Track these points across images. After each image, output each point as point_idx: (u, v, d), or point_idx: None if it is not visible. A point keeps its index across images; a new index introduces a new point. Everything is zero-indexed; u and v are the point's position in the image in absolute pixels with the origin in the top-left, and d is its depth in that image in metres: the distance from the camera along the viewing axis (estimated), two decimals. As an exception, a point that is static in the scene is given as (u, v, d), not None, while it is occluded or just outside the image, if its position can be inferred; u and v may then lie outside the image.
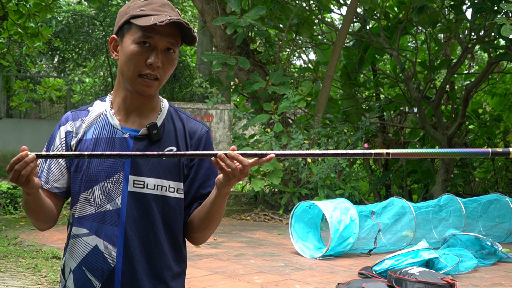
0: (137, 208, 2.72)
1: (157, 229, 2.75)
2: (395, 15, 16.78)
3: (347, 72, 17.50)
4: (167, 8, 2.70)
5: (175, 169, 2.79)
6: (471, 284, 8.07)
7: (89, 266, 2.72)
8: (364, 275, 8.12)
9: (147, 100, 2.78)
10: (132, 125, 2.78)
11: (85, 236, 2.74)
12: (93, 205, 2.73)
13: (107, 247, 2.70)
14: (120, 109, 2.80)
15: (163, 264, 2.78)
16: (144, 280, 2.73)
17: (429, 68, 16.06)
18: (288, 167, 13.73)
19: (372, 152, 2.49)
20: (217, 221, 2.82)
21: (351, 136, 14.61)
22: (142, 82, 2.67)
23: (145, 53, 2.65)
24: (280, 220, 13.37)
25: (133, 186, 2.72)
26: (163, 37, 2.64)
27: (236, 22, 13.32)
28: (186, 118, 2.90)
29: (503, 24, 10.73)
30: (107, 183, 2.72)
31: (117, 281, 2.70)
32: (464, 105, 15.58)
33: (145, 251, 2.74)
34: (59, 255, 8.93)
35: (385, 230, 10.05)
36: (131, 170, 2.72)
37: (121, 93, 2.79)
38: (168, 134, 2.81)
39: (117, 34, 2.76)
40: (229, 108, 14.07)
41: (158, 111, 2.83)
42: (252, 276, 8.02)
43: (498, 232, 11.41)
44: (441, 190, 14.80)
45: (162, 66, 2.67)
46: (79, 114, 2.87)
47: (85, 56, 20.04)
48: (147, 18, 2.63)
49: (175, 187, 2.78)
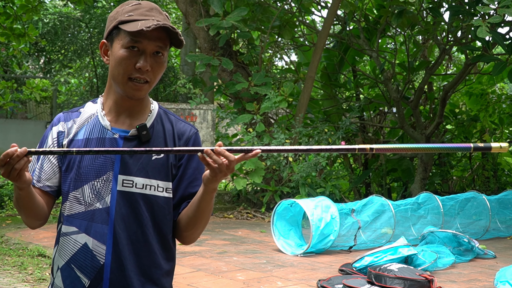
0: (126, 206, 2.75)
1: (145, 228, 2.77)
2: (375, 18, 16.91)
3: (327, 73, 17.60)
4: (154, 12, 2.71)
5: (163, 169, 2.81)
6: (449, 280, 8.15)
7: (78, 264, 2.75)
8: (345, 271, 8.20)
9: (137, 102, 2.81)
10: (122, 126, 2.81)
11: (74, 234, 2.77)
12: (82, 204, 2.76)
13: (96, 245, 2.72)
14: (111, 110, 2.82)
15: (151, 262, 2.81)
16: (133, 277, 2.76)
17: (407, 69, 16.20)
18: (270, 166, 13.82)
19: (356, 147, 2.52)
20: (205, 219, 2.82)
21: (332, 135, 14.68)
22: (132, 86, 2.70)
23: (134, 57, 2.67)
24: (262, 218, 13.48)
25: (122, 185, 2.75)
26: (151, 41, 2.67)
27: (219, 24, 13.39)
28: (175, 120, 2.93)
29: (479, 26, 10.88)
30: (97, 182, 2.75)
31: (106, 278, 2.73)
32: (442, 105, 15.72)
33: (133, 249, 2.76)
34: (45, 253, 8.95)
35: (365, 228, 10.13)
36: (121, 169, 2.75)
37: (112, 95, 2.82)
38: (157, 135, 2.84)
39: (107, 39, 2.78)
40: (212, 108, 14.17)
41: (148, 113, 2.86)
42: (235, 273, 8.08)
43: (475, 229, 11.51)
44: (420, 188, 14.93)
45: (151, 69, 2.69)
46: (71, 115, 2.89)
47: (71, 57, 20.00)
48: (134, 24, 2.65)
49: (164, 187, 2.81)
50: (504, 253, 10.32)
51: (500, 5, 10.89)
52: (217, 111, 14.90)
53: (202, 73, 16.06)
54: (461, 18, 14.17)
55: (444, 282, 7.98)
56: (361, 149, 2.52)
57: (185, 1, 14.84)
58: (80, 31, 20.13)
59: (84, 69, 20.53)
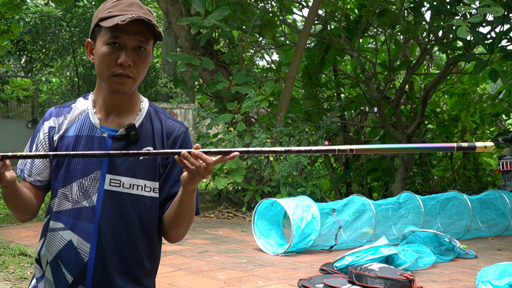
0: (112, 206, 2.78)
1: (131, 228, 2.80)
2: (356, 17, 16.94)
3: (308, 72, 17.61)
4: (134, 7, 2.73)
5: (151, 169, 2.84)
6: (430, 280, 8.15)
7: (63, 260, 2.78)
8: (325, 271, 8.18)
9: (126, 99, 2.83)
10: (111, 124, 2.83)
11: (61, 230, 2.79)
12: (70, 201, 2.78)
13: (81, 242, 2.75)
14: (101, 108, 2.85)
15: (135, 261, 2.83)
16: (115, 276, 2.78)
17: (389, 68, 16.24)
18: (251, 165, 13.80)
19: (336, 149, 2.52)
20: (187, 218, 2.84)
21: (313, 135, 14.70)
22: (116, 80, 2.72)
23: (115, 53, 2.69)
24: (243, 217, 13.46)
25: (109, 185, 2.77)
26: (131, 36, 2.69)
27: (200, 23, 13.35)
28: (164, 118, 2.94)
29: (460, 25, 10.92)
30: (85, 180, 2.77)
31: (89, 276, 2.75)
32: (423, 105, 15.77)
33: (117, 248, 2.78)
34: (26, 252, 8.90)
35: (346, 227, 10.12)
36: (108, 168, 2.78)
37: (101, 93, 2.84)
38: (146, 134, 2.86)
39: (91, 38, 2.81)
40: (193, 107, 14.16)
41: (137, 111, 2.88)
42: (216, 272, 8.06)
43: (456, 229, 11.51)
44: (401, 188, 14.97)
45: (134, 64, 2.71)
46: (62, 111, 2.91)
47: (52, 56, 19.94)
48: (112, 19, 2.67)
49: (151, 187, 2.84)
50: (485, 253, 10.35)
51: (481, 4, 10.92)
52: (198, 111, 14.85)
53: (183, 72, 16.01)
54: (442, 17, 14.22)
55: (425, 282, 7.98)
56: (341, 150, 2.51)
57: (166, 0, 14.79)
58: (61, 30, 20.04)
59: (66, 68, 20.44)
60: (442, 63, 21.38)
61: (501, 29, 13.50)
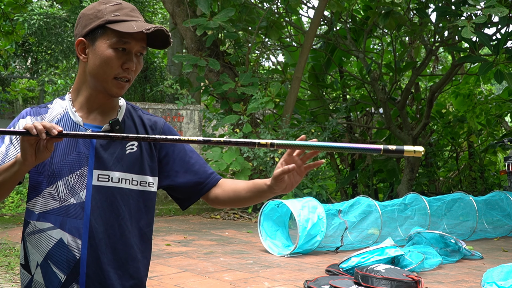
0: (102, 201, 2.76)
1: (122, 221, 2.80)
2: (361, 18, 16.94)
3: (314, 73, 17.63)
4: (136, 13, 2.78)
5: (137, 163, 2.84)
6: (435, 281, 8.14)
7: (54, 259, 2.75)
8: (331, 272, 8.18)
9: (111, 99, 2.85)
10: (94, 121, 2.82)
11: (49, 230, 2.76)
12: (57, 200, 2.75)
13: (72, 239, 2.73)
14: (83, 107, 2.83)
15: (128, 255, 2.83)
16: (110, 271, 2.78)
17: (394, 70, 16.25)
18: (257, 167, 13.80)
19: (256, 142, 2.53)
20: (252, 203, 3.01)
21: (318, 136, 14.70)
22: (116, 84, 2.74)
23: (121, 57, 2.71)
24: (249, 218, 13.48)
25: (97, 180, 2.76)
26: (138, 42, 2.73)
27: (206, 24, 13.38)
28: (142, 114, 2.98)
29: (464, 26, 10.91)
30: (70, 177, 2.75)
31: (82, 272, 2.74)
32: (428, 106, 15.76)
33: (110, 242, 2.78)
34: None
35: (352, 228, 10.10)
36: (95, 164, 2.75)
37: (85, 92, 2.82)
38: (129, 129, 2.89)
39: (86, 37, 2.77)
40: (199, 109, 14.16)
41: (117, 108, 2.90)
42: (222, 274, 8.06)
43: (462, 230, 11.49)
44: (406, 189, 14.96)
45: (134, 69, 2.77)
46: (39, 111, 2.88)
47: (57, 57, 19.99)
48: (127, 24, 2.69)
49: (138, 180, 2.83)
50: (491, 254, 10.33)
51: (486, 5, 10.91)
52: (204, 112, 14.87)
53: (189, 73, 16.05)
54: (447, 18, 14.21)
55: (431, 283, 7.97)
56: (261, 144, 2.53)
57: (172, 1, 14.82)
58: (66, 31, 20.08)
59: (71, 69, 20.48)
60: (448, 64, 21.36)
61: (507, 30, 13.49)
